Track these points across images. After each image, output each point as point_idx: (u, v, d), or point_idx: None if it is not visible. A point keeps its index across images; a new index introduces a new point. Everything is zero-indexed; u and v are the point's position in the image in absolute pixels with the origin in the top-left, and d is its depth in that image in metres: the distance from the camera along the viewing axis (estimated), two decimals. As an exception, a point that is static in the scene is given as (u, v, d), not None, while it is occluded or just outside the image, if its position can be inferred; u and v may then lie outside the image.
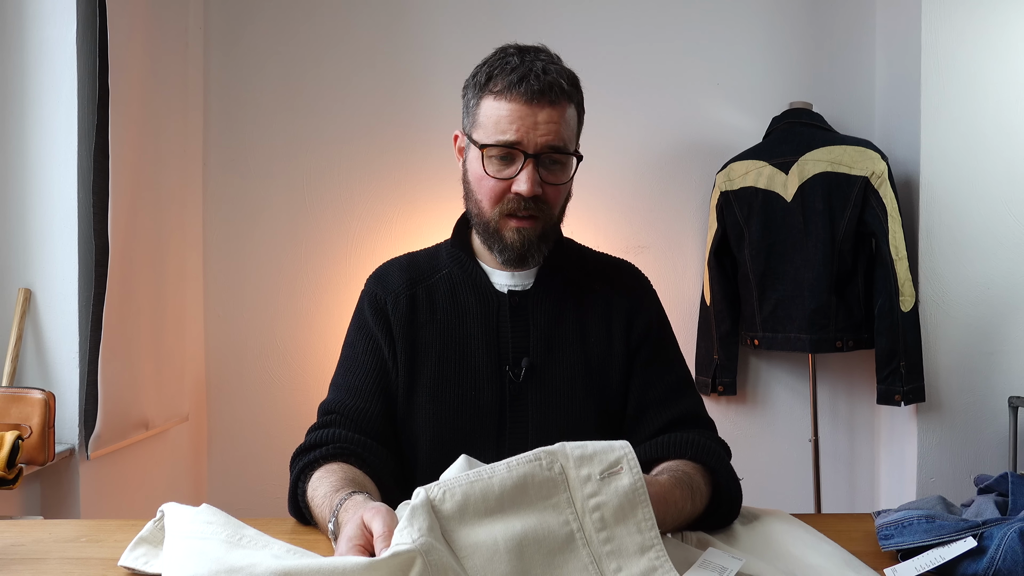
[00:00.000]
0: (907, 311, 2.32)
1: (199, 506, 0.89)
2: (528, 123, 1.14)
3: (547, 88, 1.14)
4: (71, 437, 1.96)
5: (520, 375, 1.20)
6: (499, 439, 1.20)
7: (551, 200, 1.19)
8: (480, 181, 1.19)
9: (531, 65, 1.16)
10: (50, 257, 1.96)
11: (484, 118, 1.17)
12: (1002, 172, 2.38)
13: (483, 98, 1.17)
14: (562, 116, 1.17)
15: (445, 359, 1.21)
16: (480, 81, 1.18)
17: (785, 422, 2.68)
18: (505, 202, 1.18)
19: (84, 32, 1.96)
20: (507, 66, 1.16)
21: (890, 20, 2.60)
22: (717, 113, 2.69)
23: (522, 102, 1.14)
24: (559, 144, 1.16)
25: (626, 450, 0.86)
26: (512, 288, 1.25)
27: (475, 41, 2.59)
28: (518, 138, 1.14)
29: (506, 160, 1.16)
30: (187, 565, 0.76)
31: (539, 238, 1.20)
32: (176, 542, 0.82)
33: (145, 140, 2.19)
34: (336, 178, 2.68)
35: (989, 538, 0.87)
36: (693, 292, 2.69)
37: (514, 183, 1.16)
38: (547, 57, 1.19)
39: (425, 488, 0.82)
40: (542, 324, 1.23)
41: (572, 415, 1.21)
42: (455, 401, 1.20)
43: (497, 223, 1.19)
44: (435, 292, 1.26)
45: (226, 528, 0.83)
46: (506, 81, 1.15)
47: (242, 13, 2.67)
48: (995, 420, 2.38)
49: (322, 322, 2.67)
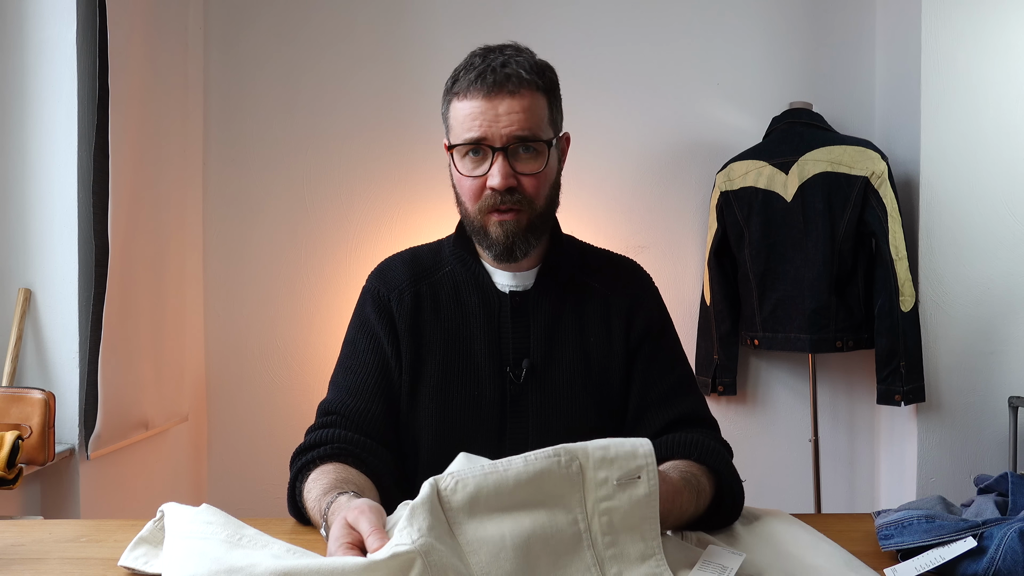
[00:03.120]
0: (907, 311, 2.32)
1: (199, 506, 0.89)
2: (489, 116, 1.15)
3: (504, 80, 1.15)
4: (71, 437, 1.96)
5: (521, 376, 1.21)
6: (500, 439, 1.20)
7: (530, 190, 1.18)
8: (460, 182, 1.20)
9: (491, 62, 1.17)
10: (50, 257, 1.96)
11: (452, 120, 1.19)
12: (1002, 172, 2.38)
13: (451, 102, 1.20)
14: (525, 105, 1.16)
15: (449, 358, 1.22)
16: (448, 86, 1.21)
17: (785, 422, 2.68)
18: (484, 199, 1.18)
19: (84, 32, 1.96)
20: (471, 67, 1.18)
21: (890, 20, 2.60)
22: (717, 113, 2.69)
23: (480, 97, 1.15)
24: (525, 133, 1.16)
25: (648, 459, 0.84)
26: (513, 289, 1.25)
27: (475, 41, 2.57)
28: (481, 133, 1.15)
29: (477, 156, 1.17)
30: (187, 565, 0.75)
31: (525, 230, 1.19)
32: (176, 542, 0.82)
33: (145, 140, 2.19)
34: (336, 178, 2.68)
35: (989, 538, 0.87)
36: (693, 292, 2.69)
37: (487, 178, 1.17)
38: (512, 51, 1.20)
39: (436, 478, 0.80)
40: (542, 325, 1.24)
41: (572, 415, 1.21)
42: (458, 400, 1.20)
43: (481, 220, 1.20)
44: (439, 289, 1.26)
45: (226, 528, 0.82)
46: (466, 80, 1.17)
47: (242, 13, 2.67)
48: (995, 420, 2.38)
49: (322, 322, 2.67)
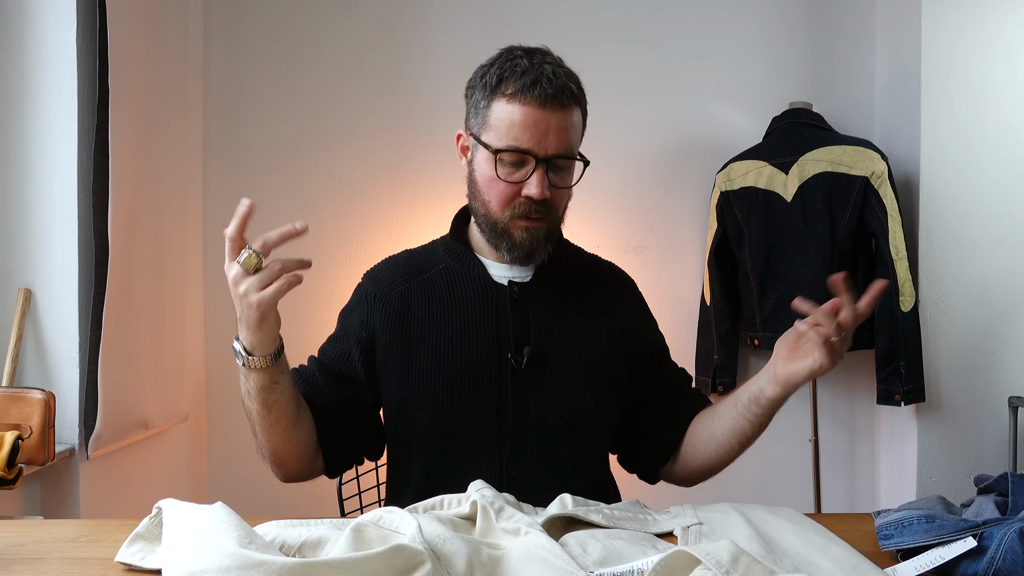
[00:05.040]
0: (907, 311, 2.31)
1: (214, 503, 0.89)
2: (541, 129, 1.15)
3: (559, 92, 1.15)
4: (71, 437, 1.96)
5: (523, 362, 1.22)
6: (500, 426, 1.22)
7: (556, 202, 1.22)
8: (490, 183, 1.20)
9: (541, 68, 1.16)
10: (50, 257, 1.95)
11: (497, 121, 1.17)
12: (1002, 172, 2.38)
13: (494, 100, 1.18)
14: (571, 121, 1.18)
15: (441, 347, 1.23)
16: (490, 83, 1.18)
17: (785, 422, 2.68)
18: (516, 205, 1.19)
19: (84, 32, 1.96)
20: (517, 68, 1.17)
21: (890, 20, 2.59)
22: (717, 113, 2.69)
23: (535, 106, 1.15)
24: (569, 150, 1.19)
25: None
26: (512, 279, 1.27)
27: (475, 41, 2.59)
28: (531, 145, 1.16)
29: (517, 164, 1.18)
30: (196, 558, 0.76)
31: (545, 237, 1.22)
32: (184, 536, 0.82)
33: (145, 140, 2.19)
34: (336, 178, 2.68)
35: (989, 538, 0.87)
36: (693, 292, 2.68)
37: (524, 187, 1.18)
38: (553, 60, 1.20)
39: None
40: (542, 314, 1.26)
41: (573, 402, 1.24)
42: (451, 387, 1.22)
43: (507, 224, 1.21)
44: (431, 286, 1.28)
45: (239, 529, 0.83)
46: (519, 84, 1.15)
47: (242, 13, 2.67)
48: (995, 420, 2.38)
49: (322, 322, 2.66)
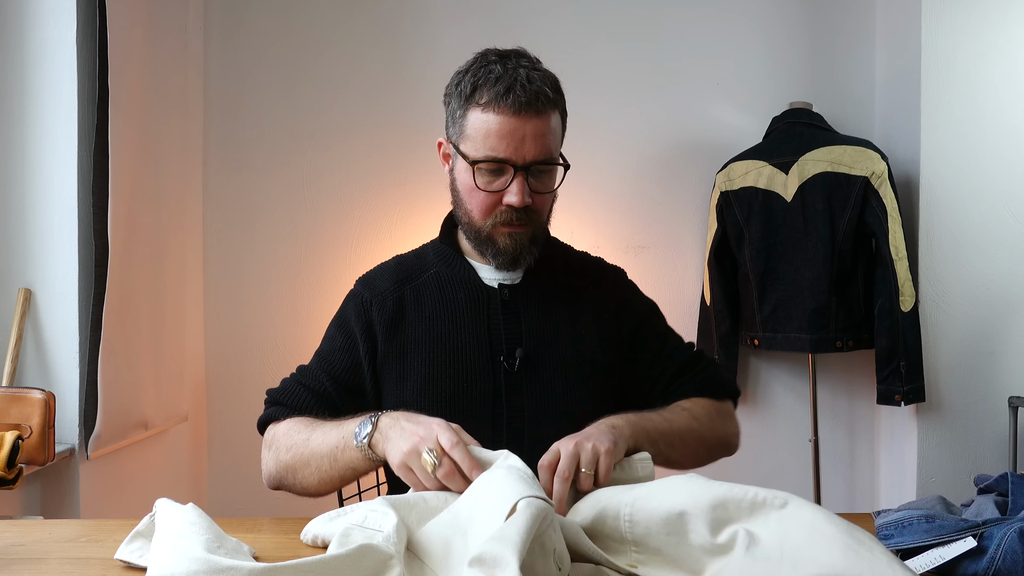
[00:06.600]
0: (907, 311, 2.31)
1: (186, 504, 0.90)
2: (517, 137, 1.14)
3: (533, 99, 1.14)
4: (71, 437, 1.96)
5: (515, 365, 1.22)
6: (495, 429, 1.21)
7: (539, 207, 1.22)
8: (471, 193, 1.20)
9: (515, 74, 1.15)
10: (50, 257, 1.95)
11: (472, 131, 1.17)
12: (1002, 172, 2.38)
13: (469, 110, 1.17)
14: (548, 126, 1.17)
15: (435, 354, 1.23)
16: (465, 91, 1.17)
17: (785, 422, 2.68)
18: (498, 213, 1.19)
19: (84, 32, 1.96)
20: (491, 75, 1.15)
21: (890, 20, 2.59)
22: (717, 113, 2.69)
23: (510, 114, 1.14)
24: (548, 155, 1.18)
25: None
26: (502, 282, 1.27)
27: (475, 41, 2.56)
28: (508, 153, 1.15)
29: (496, 173, 1.17)
30: (167, 562, 0.76)
31: (530, 241, 1.22)
32: (160, 539, 0.83)
33: (145, 140, 2.19)
34: (336, 178, 2.68)
35: (989, 538, 0.87)
36: (693, 292, 2.68)
37: (505, 195, 1.17)
38: (528, 63, 1.19)
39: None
40: (533, 315, 1.26)
41: (568, 402, 1.23)
42: (447, 392, 1.22)
43: (490, 231, 1.21)
44: (423, 291, 1.28)
45: (208, 532, 0.83)
46: (492, 92, 1.14)
47: (242, 13, 2.67)
48: (995, 420, 2.38)
49: (322, 322, 2.64)
